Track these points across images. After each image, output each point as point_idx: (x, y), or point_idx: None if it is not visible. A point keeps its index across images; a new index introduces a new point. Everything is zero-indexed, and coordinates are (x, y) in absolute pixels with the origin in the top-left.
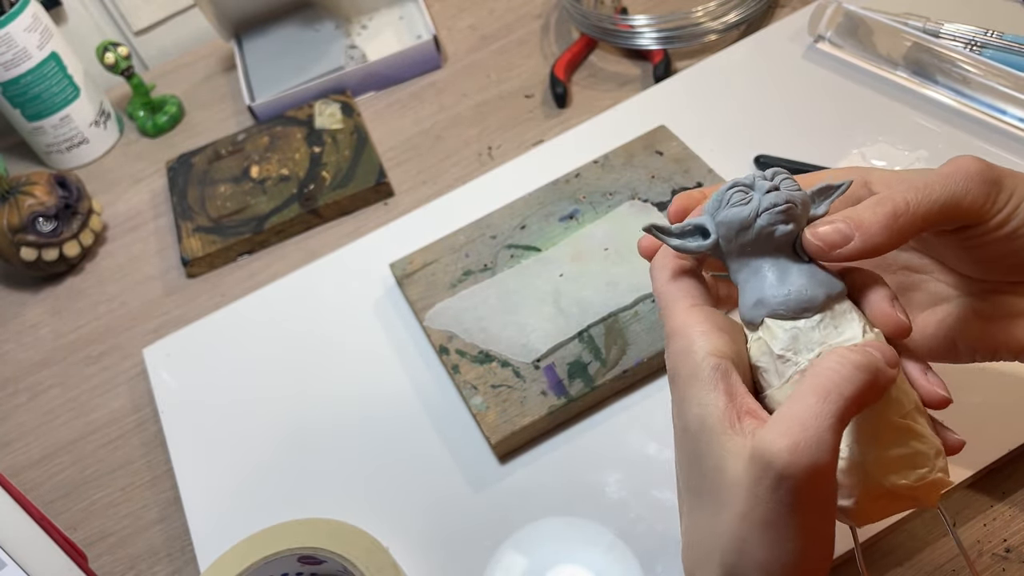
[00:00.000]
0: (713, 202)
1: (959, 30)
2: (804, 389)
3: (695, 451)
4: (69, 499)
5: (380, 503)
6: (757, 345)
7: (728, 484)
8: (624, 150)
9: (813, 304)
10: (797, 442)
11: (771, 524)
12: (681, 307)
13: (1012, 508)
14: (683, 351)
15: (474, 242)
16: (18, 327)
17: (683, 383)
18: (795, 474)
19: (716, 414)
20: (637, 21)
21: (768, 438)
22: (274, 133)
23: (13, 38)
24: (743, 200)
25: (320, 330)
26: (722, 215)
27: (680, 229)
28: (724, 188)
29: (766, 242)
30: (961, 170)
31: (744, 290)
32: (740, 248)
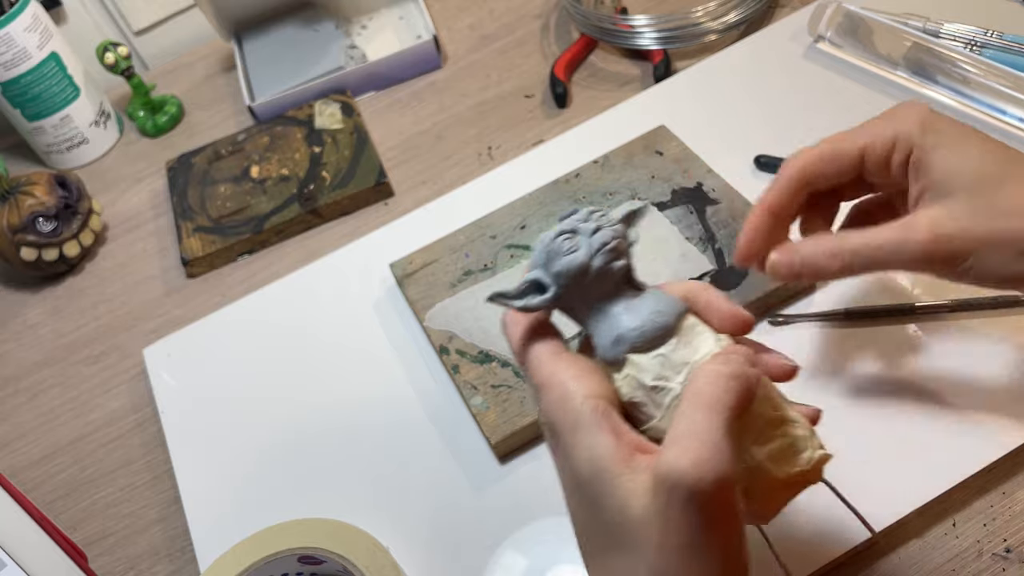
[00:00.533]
0: (541, 255)
1: (959, 30)
2: (687, 409)
3: (593, 500)
4: (69, 499)
5: (380, 503)
6: (627, 382)
7: (636, 523)
8: (624, 150)
9: (667, 328)
10: (699, 456)
11: (689, 546)
12: (544, 359)
13: (1012, 508)
14: (559, 400)
15: (474, 242)
16: (18, 327)
17: (567, 433)
18: (704, 488)
19: (608, 455)
20: (637, 21)
21: (669, 460)
22: (274, 133)
23: (13, 38)
24: (573, 247)
25: (320, 330)
26: (558, 266)
27: (518, 290)
28: (549, 239)
29: (605, 281)
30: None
31: (598, 332)
32: (582, 293)
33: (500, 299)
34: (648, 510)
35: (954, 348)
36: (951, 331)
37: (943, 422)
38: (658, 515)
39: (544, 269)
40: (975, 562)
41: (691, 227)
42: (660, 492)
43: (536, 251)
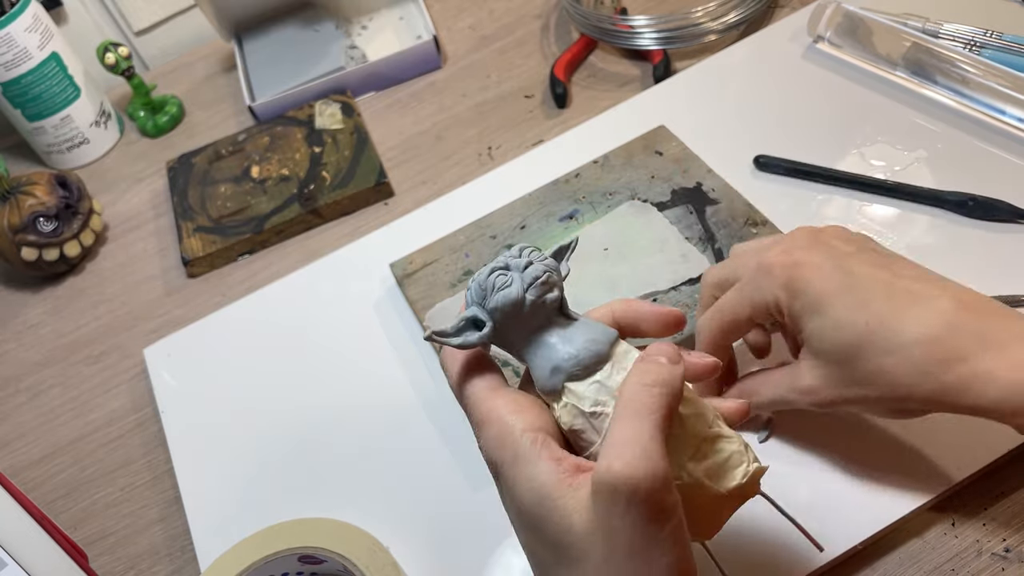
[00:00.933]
0: (477, 293)
1: (958, 30)
2: (616, 420)
3: (537, 526)
4: (69, 499)
5: (380, 503)
6: (567, 411)
7: (580, 538)
8: (624, 150)
9: (601, 355)
10: (632, 458)
11: (635, 550)
12: (482, 396)
13: (1011, 508)
14: (497, 436)
15: (474, 242)
16: (18, 327)
17: (508, 466)
18: (640, 486)
19: (549, 481)
20: (637, 21)
21: (604, 468)
22: (274, 133)
23: (14, 38)
24: (506, 282)
25: (320, 330)
26: (493, 301)
27: (455, 328)
28: (482, 277)
29: (539, 313)
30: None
31: (535, 364)
32: (517, 326)
33: (438, 338)
34: (591, 523)
35: None
36: None
37: (943, 422)
38: (600, 525)
39: (479, 306)
40: (974, 562)
41: (691, 227)
42: (599, 502)
43: (471, 289)
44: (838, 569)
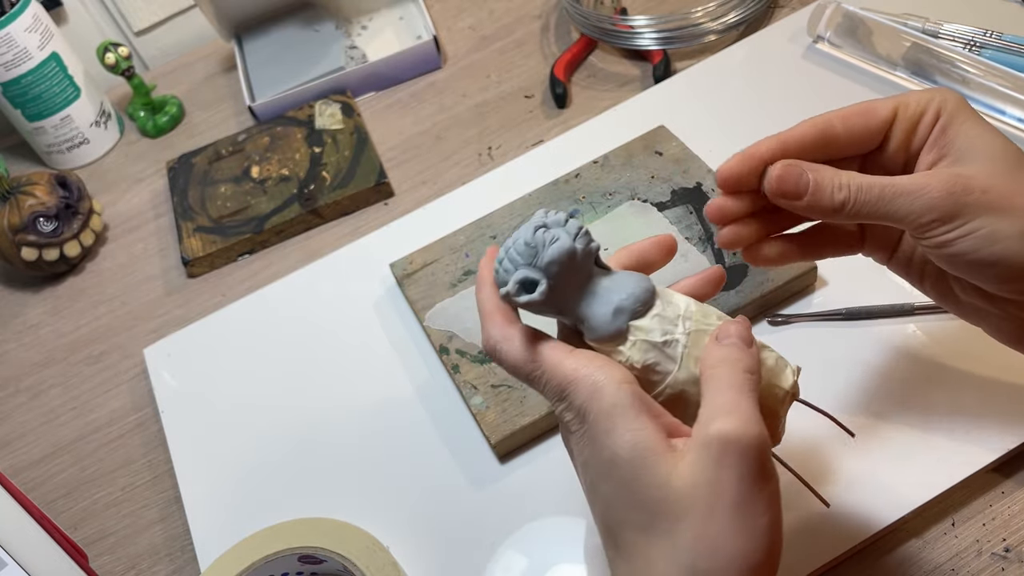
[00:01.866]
0: (524, 253)
1: (958, 30)
2: (714, 388)
3: (631, 480)
4: (69, 499)
5: (380, 503)
6: (637, 348)
7: (682, 495)
8: (624, 150)
9: (651, 290)
10: (743, 419)
11: (740, 504)
12: (560, 358)
13: (1012, 508)
14: (591, 392)
15: (474, 242)
16: (19, 327)
17: (604, 418)
18: (752, 443)
19: (652, 436)
20: (637, 21)
21: (718, 426)
22: (274, 133)
23: (14, 38)
24: (555, 236)
25: (320, 330)
26: (548, 255)
27: (514, 290)
28: (527, 236)
29: (586, 263)
30: (927, 188)
31: (592, 313)
32: (569, 279)
33: (514, 298)
34: (693, 478)
35: (954, 348)
36: (951, 331)
37: (943, 422)
38: (706, 480)
39: (529, 266)
40: (974, 561)
41: (691, 227)
42: (708, 457)
43: (509, 253)
44: (838, 569)
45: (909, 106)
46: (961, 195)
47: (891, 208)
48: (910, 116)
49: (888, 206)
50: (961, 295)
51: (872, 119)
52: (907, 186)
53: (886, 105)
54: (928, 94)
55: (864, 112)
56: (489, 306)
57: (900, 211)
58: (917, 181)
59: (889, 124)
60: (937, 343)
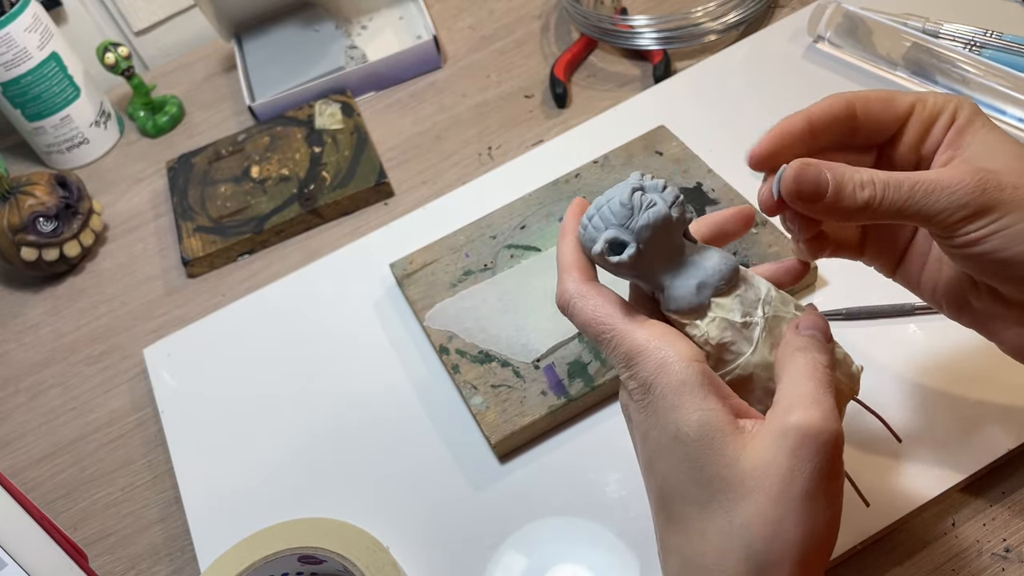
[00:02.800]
0: (618, 214)
1: (959, 30)
2: (794, 378)
3: (697, 457)
4: (69, 499)
5: (380, 503)
6: (715, 325)
7: (748, 476)
8: (624, 150)
9: (735, 270)
10: (824, 414)
11: (810, 495)
12: (632, 327)
13: (1012, 508)
14: (659, 365)
15: (474, 242)
16: (18, 327)
17: (671, 393)
18: (830, 439)
19: (720, 416)
20: (637, 21)
21: (799, 417)
22: (274, 133)
23: (13, 38)
24: (652, 201)
25: (320, 330)
26: (644, 219)
27: (604, 249)
28: (623, 196)
29: (677, 233)
30: (961, 183)
31: (676, 284)
32: (656, 247)
33: (596, 257)
34: (766, 463)
35: (954, 348)
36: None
37: (943, 422)
38: (779, 467)
39: (621, 227)
40: (975, 561)
41: None
42: (784, 445)
43: (600, 212)
44: (838, 569)
45: (927, 104)
46: (994, 191)
47: (922, 205)
48: (927, 115)
49: (919, 203)
50: (976, 303)
51: (892, 108)
52: (939, 181)
53: (905, 99)
54: (945, 97)
55: (885, 100)
56: (569, 259)
57: (932, 208)
58: (949, 176)
59: (906, 118)
60: (937, 343)
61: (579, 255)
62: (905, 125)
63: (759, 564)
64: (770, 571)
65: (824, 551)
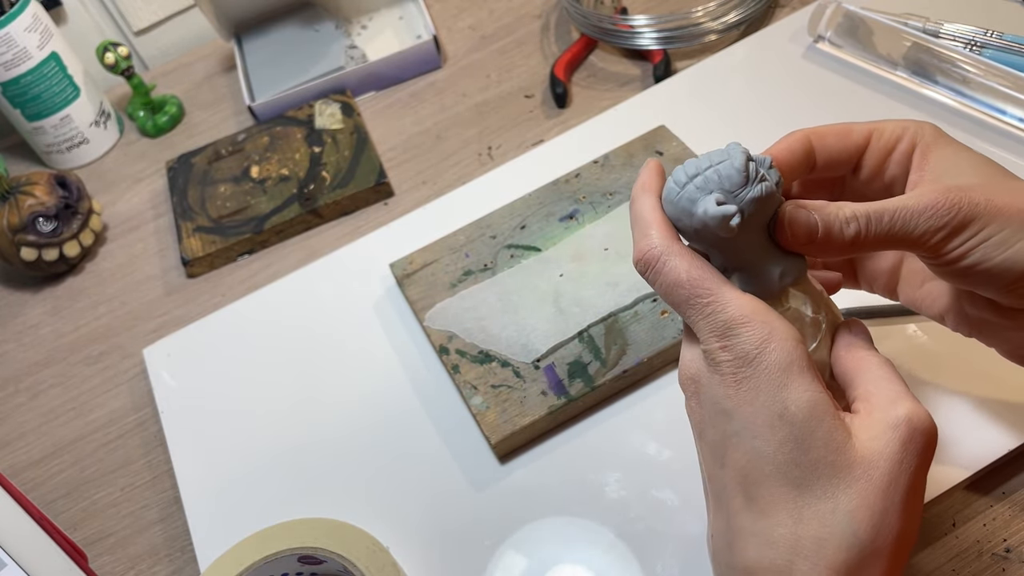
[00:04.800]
0: (728, 178)
1: (959, 30)
2: (880, 376)
3: (803, 439)
4: (69, 499)
5: (380, 503)
6: (790, 315)
7: (858, 463)
8: (624, 150)
9: (806, 267)
10: (926, 411)
11: (914, 488)
12: (737, 294)
13: (1012, 508)
14: (766, 341)
15: (474, 242)
16: (18, 327)
17: (779, 372)
18: (934, 437)
19: (826, 399)
20: (637, 21)
21: (909, 410)
22: (274, 133)
23: (13, 38)
24: (761, 175)
25: (320, 330)
26: (756, 191)
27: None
28: (738, 163)
29: (772, 215)
30: (929, 207)
31: (759, 266)
32: (753, 224)
33: (703, 221)
34: (878, 452)
35: (954, 348)
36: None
37: (943, 422)
38: (891, 457)
39: (726, 193)
40: (975, 562)
41: None
42: (896, 438)
43: (706, 174)
44: None
45: (884, 133)
46: (967, 207)
47: (904, 232)
48: (884, 143)
49: (901, 230)
50: (975, 313)
51: (847, 141)
52: (915, 207)
53: (861, 129)
54: (903, 123)
55: (839, 133)
56: (653, 215)
57: (914, 233)
58: (923, 199)
59: (863, 149)
60: (937, 343)
61: (661, 212)
62: (863, 157)
63: (862, 553)
64: (870, 562)
65: (910, 547)
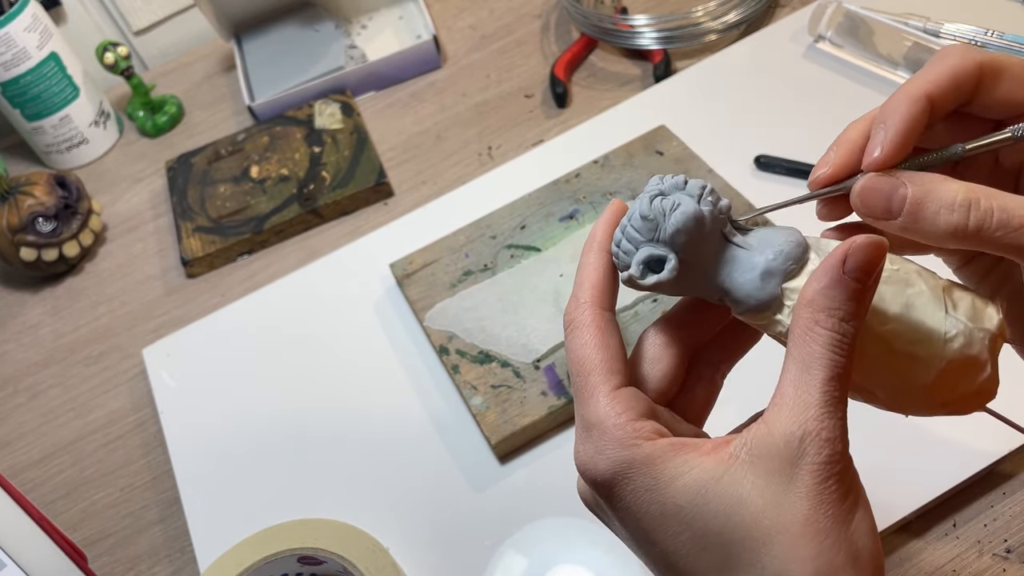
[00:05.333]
0: (642, 229)
1: (959, 30)
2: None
3: (692, 523)
4: (69, 499)
5: (380, 503)
6: None
7: (760, 518)
8: (624, 150)
9: (802, 245)
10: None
11: (840, 517)
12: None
13: (1012, 508)
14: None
15: (474, 242)
16: (18, 327)
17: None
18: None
19: (705, 467)
20: (637, 21)
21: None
22: (274, 133)
23: (13, 38)
24: (676, 202)
25: (320, 330)
26: (672, 224)
27: (639, 272)
28: (642, 209)
29: (717, 227)
30: None
31: (736, 283)
32: (700, 249)
33: (629, 284)
34: (775, 497)
35: None
36: None
37: (943, 422)
38: (792, 498)
39: (652, 242)
40: (976, 562)
41: None
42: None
43: (625, 234)
44: None
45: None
46: None
47: None
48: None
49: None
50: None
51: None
52: None
53: None
54: None
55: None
56: (587, 275)
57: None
58: None
59: None
60: None
61: (599, 272)
62: None
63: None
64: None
65: (879, 565)
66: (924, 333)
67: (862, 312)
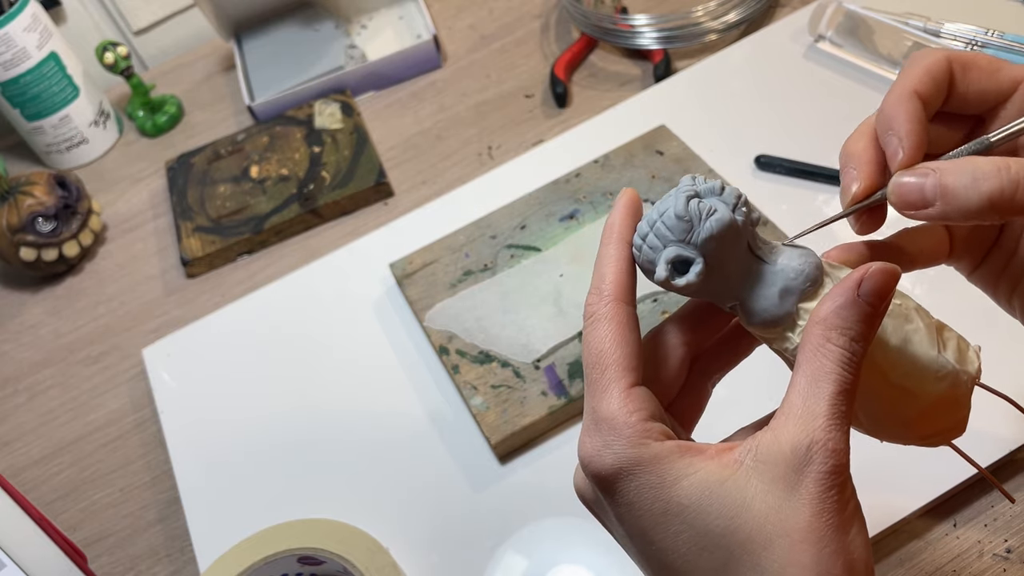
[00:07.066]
0: (675, 228)
1: (959, 30)
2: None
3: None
4: (69, 499)
5: (380, 503)
6: None
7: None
8: (624, 150)
9: (819, 268)
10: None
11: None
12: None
13: (1013, 509)
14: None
15: (474, 242)
16: (18, 327)
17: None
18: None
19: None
20: (637, 21)
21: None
22: (274, 133)
23: (12, 38)
24: (712, 208)
25: (320, 330)
26: (707, 229)
27: (668, 273)
28: (678, 209)
29: (744, 238)
30: None
31: (754, 296)
32: (726, 257)
33: (665, 284)
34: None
35: None
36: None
37: None
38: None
39: (681, 243)
40: (976, 562)
41: None
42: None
43: (654, 229)
44: None
45: None
46: None
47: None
48: None
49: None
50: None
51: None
52: None
53: (1014, 71)
54: None
55: (989, 69)
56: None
57: None
58: None
59: (1010, 93)
60: None
61: (621, 265)
62: (1005, 103)
63: None
64: None
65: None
66: (918, 369)
67: (871, 335)
